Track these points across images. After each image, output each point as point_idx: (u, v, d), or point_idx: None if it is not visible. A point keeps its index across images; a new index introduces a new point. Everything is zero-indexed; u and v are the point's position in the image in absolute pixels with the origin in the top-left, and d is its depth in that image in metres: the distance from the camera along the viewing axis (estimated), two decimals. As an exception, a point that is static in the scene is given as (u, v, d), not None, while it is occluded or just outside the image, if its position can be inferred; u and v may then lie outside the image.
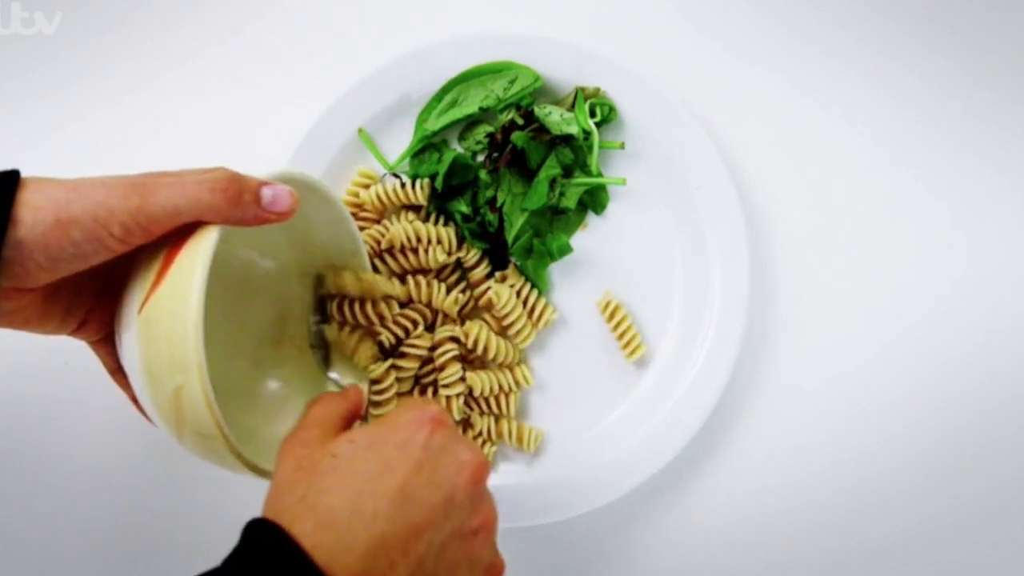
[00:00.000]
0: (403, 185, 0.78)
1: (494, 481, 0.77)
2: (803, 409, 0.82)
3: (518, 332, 0.77)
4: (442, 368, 0.77)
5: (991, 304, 0.82)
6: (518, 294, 0.78)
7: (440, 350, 0.76)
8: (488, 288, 0.78)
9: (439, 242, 0.77)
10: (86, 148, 0.83)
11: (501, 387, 0.78)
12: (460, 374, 0.76)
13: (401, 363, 0.76)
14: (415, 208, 0.79)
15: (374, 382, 0.76)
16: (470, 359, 0.79)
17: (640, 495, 0.79)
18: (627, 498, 0.77)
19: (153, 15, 0.84)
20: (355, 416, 0.57)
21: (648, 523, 0.81)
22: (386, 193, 0.78)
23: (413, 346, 0.76)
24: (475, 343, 0.77)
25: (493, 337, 0.77)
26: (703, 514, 0.81)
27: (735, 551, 0.81)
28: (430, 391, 0.78)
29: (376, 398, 0.76)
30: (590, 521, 0.79)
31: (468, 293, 0.79)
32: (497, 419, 0.79)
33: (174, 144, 0.83)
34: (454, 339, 0.77)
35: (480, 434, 0.79)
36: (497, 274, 0.79)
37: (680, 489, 0.81)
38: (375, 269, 0.78)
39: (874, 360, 0.82)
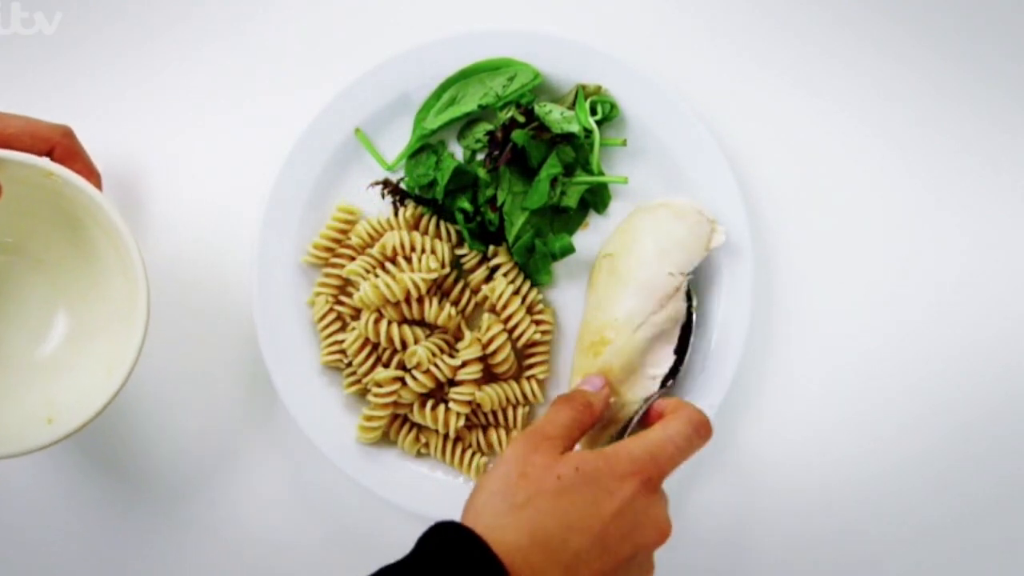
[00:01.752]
0: (395, 211, 0.78)
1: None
2: (805, 410, 0.81)
3: (516, 326, 0.76)
4: (457, 383, 0.76)
5: (993, 304, 0.81)
6: (516, 291, 0.77)
7: (465, 370, 0.75)
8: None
9: (433, 252, 0.77)
10: (87, 146, 0.83)
11: (509, 400, 0.77)
12: (472, 394, 0.75)
13: (417, 378, 0.75)
14: (416, 199, 0.78)
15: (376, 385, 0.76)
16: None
17: None
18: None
19: (151, 14, 0.83)
20: (589, 428, 0.65)
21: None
22: (373, 228, 0.78)
23: (437, 367, 0.75)
24: (490, 340, 0.76)
25: (504, 334, 0.76)
26: (703, 517, 0.80)
27: (736, 554, 0.80)
28: (430, 403, 0.77)
29: (374, 400, 0.76)
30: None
31: (468, 296, 0.78)
32: (486, 430, 0.78)
33: (171, 141, 0.83)
34: (483, 360, 0.76)
35: (470, 446, 0.78)
36: (490, 248, 0.78)
37: (681, 492, 0.80)
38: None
39: (877, 361, 0.81)
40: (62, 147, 0.67)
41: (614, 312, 0.73)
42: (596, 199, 0.80)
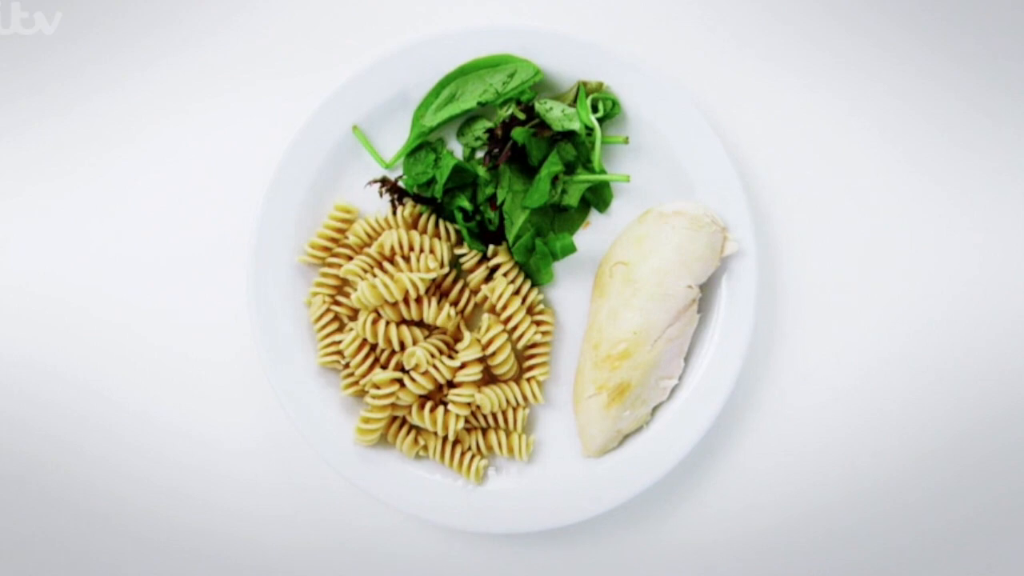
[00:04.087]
0: (394, 209, 0.77)
1: (490, 487, 0.76)
2: (809, 413, 0.79)
3: (516, 327, 0.75)
4: (456, 385, 0.75)
5: (1003, 307, 0.79)
6: (516, 292, 0.76)
7: (465, 371, 0.74)
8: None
9: (431, 251, 0.76)
10: (87, 143, 0.83)
11: (509, 402, 0.76)
12: (472, 396, 0.74)
13: (416, 380, 0.74)
14: (415, 198, 0.77)
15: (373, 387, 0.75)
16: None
17: (637, 505, 0.78)
18: (624, 507, 0.76)
19: (149, 12, 0.83)
20: None
21: (644, 532, 0.79)
22: (371, 226, 0.77)
23: (436, 368, 0.74)
24: (490, 341, 0.75)
25: (504, 335, 0.75)
26: (706, 520, 0.79)
27: (739, 555, 0.79)
28: (429, 405, 0.76)
29: (372, 401, 0.75)
30: (586, 529, 0.78)
31: (468, 296, 0.77)
32: (485, 432, 0.77)
33: (167, 140, 0.82)
34: (482, 361, 0.75)
35: (469, 449, 0.77)
36: (490, 248, 0.77)
37: (685, 495, 0.79)
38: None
39: (884, 363, 0.79)
40: None
41: (631, 324, 0.73)
42: (598, 198, 0.79)
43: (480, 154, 0.78)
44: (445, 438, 0.76)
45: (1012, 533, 0.78)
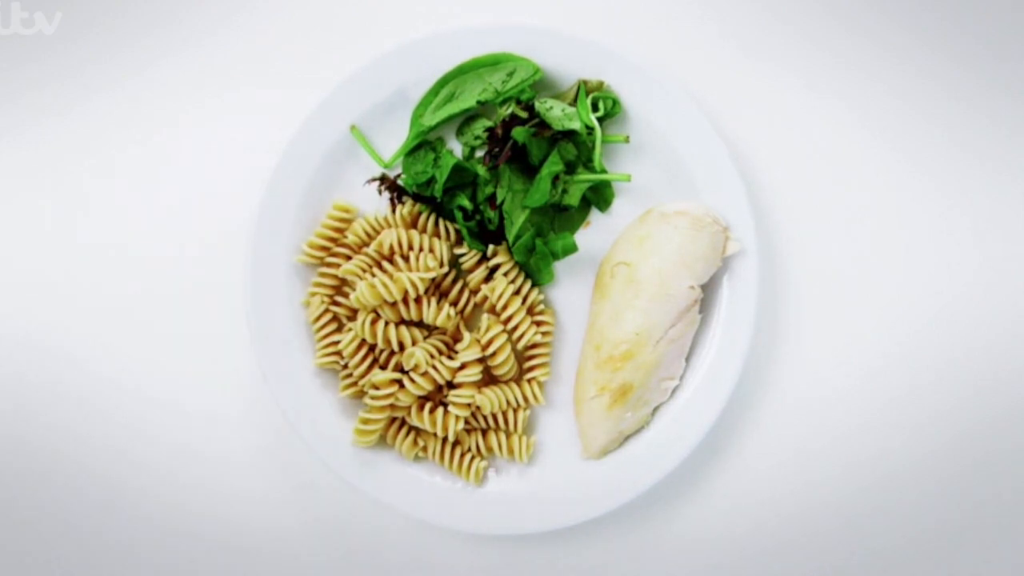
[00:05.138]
0: (393, 208, 0.77)
1: (490, 489, 0.75)
2: (810, 413, 0.79)
3: (517, 327, 0.75)
4: (456, 386, 0.75)
5: (1003, 307, 0.79)
6: (517, 292, 0.76)
7: (464, 372, 0.74)
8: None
9: (431, 251, 0.75)
10: (86, 142, 0.83)
11: (509, 403, 0.76)
12: (472, 397, 0.74)
13: (416, 380, 0.74)
14: (415, 197, 0.77)
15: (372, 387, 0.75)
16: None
17: (638, 506, 0.77)
18: (624, 508, 0.75)
19: (147, 12, 0.83)
20: None
21: (645, 533, 0.79)
22: (371, 225, 0.76)
23: (436, 369, 0.74)
24: (490, 342, 0.74)
25: (504, 335, 0.75)
26: (706, 521, 0.78)
27: (730, 564, 0.78)
28: (428, 406, 0.75)
29: (371, 403, 0.74)
30: (587, 530, 0.78)
31: (467, 296, 0.77)
32: (485, 433, 0.77)
33: (164, 140, 0.82)
34: (482, 362, 0.75)
35: (469, 450, 0.76)
36: (490, 248, 0.76)
37: (684, 496, 0.79)
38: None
39: (885, 362, 0.79)
40: None
41: (633, 325, 0.73)
42: (599, 197, 0.78)
43: (480, 153, 0.78)
44: (445, 439, 0.76)
45: (1012, 533, 0.78)
